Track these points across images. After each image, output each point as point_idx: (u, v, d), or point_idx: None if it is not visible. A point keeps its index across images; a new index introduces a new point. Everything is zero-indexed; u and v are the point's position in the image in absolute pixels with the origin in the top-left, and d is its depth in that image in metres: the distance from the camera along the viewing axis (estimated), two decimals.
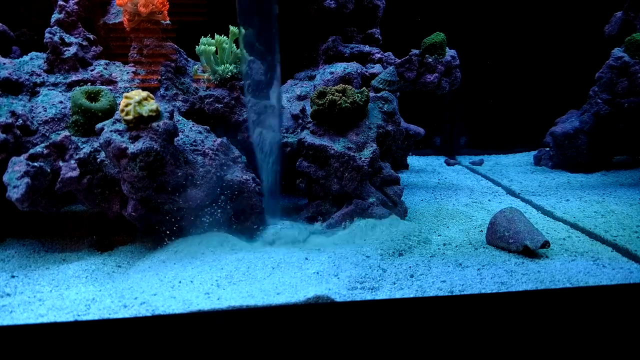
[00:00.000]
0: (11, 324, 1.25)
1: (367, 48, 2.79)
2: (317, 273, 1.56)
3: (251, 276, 1.56)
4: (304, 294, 1.39)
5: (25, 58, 2.07)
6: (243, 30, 1.98)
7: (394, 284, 1.49)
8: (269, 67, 2.06)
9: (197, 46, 2.17)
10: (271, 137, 2.09)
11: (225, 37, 2.17)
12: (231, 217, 1.95)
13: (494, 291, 1.43)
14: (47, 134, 1.87)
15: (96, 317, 1.27)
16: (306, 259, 1.69)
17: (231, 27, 2.17)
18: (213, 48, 2.16)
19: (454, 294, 1.41)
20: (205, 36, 2.18)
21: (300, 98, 2.54)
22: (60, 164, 1.76)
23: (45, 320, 1.26)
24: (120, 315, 1.28)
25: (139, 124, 1.69)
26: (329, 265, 1.61)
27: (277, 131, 2.13)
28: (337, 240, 1.94)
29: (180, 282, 1.53)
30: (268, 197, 2.07)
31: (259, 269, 1.61)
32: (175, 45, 2.18)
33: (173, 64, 2.16)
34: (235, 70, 2.19)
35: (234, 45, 2.19)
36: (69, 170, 1.75)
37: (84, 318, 1.26)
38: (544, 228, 2.00)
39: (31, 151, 1.73)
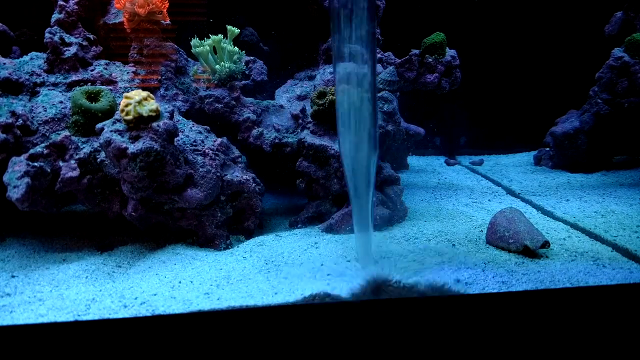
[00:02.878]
0: (11, 324, 1.25)
1: None
2: None
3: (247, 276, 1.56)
4: (303, 292, 1.39)
5: (25, 58, 2.07)
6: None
7: None
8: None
9: (192, 49, 2.17)
10: (366, 155, 1.51)
11: (222, 36, 2.17)
12: (231, 217, 1.95)
13: (494, 291, 1.43)
14: (47, 134, 1.87)
15: (96, 317, 1.27)
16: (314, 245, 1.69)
17: (229, 27, 2.16)
18: (212, 47, 2.16)
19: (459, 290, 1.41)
20: (204, 36, 2.18)
21: (300, 98, 2.54)
22: (60, 164, 1.76)
23: (45, 320, 1.26)
24: (120, 315, 1.28)
25: (139, 124, 1.69)
26: None
27: (375, 150, 1.52)
28: None
29: (180, 282, 1.53)
30: (359, 234, 1.62)
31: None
32: (175, 45, 2.19)
33: (173, 64, 2.16)
34: (234, 69, 2.19)
35: (232, 44, 2.19)
36: (69, 170, 1.75)
37: (84, 318, 1.26)
38: (544, 228, 2.00)
39: (31, 151, 1.73)
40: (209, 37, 2.17)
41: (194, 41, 2.15)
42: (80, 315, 1.28)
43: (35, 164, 1.69)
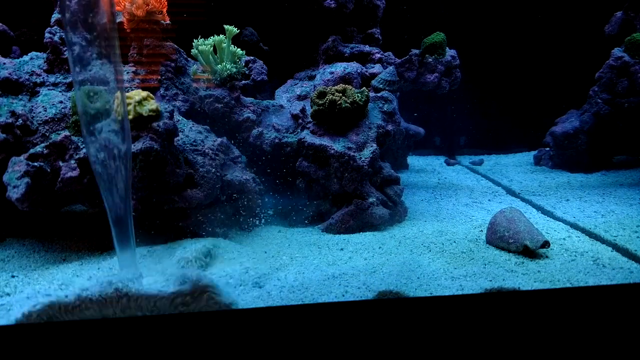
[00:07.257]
0: (11, 324, 1.24)
1: (367, 48, 2.79)
2: None
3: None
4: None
5: (25, 58, 2.07)
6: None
7: None
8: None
9: (192, 49, 2.17)
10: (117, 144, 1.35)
11: (223, 36, 2.17)
12: (230, 216, 1.95)
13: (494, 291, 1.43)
14: (47, 134, 1.87)
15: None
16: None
17: (227, 27, 2.16)
18: (212, 48, 2.16)
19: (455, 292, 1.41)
20: (204, 36, 2.18)
21: (300, 98, 2.54)
22: (60, 163, 1.76)
23: None
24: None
25: (139, 124, 1.69)
26: None
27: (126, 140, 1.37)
28: None
29: None
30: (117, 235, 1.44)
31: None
32: (175, 45, 2.19)
33: (173, 64, 2.16)
34: (234, 70, 2.19)
35: (232, 44, 2.19)
36: (69, 170, 1.75)
37: None
38: (544, 228, 2.00)
39: (31, 151, 1.73)
40: (209, 37, 2.17)
41: (195, 41, 2.16)
42: None
43: (35, 163, 1.69)
